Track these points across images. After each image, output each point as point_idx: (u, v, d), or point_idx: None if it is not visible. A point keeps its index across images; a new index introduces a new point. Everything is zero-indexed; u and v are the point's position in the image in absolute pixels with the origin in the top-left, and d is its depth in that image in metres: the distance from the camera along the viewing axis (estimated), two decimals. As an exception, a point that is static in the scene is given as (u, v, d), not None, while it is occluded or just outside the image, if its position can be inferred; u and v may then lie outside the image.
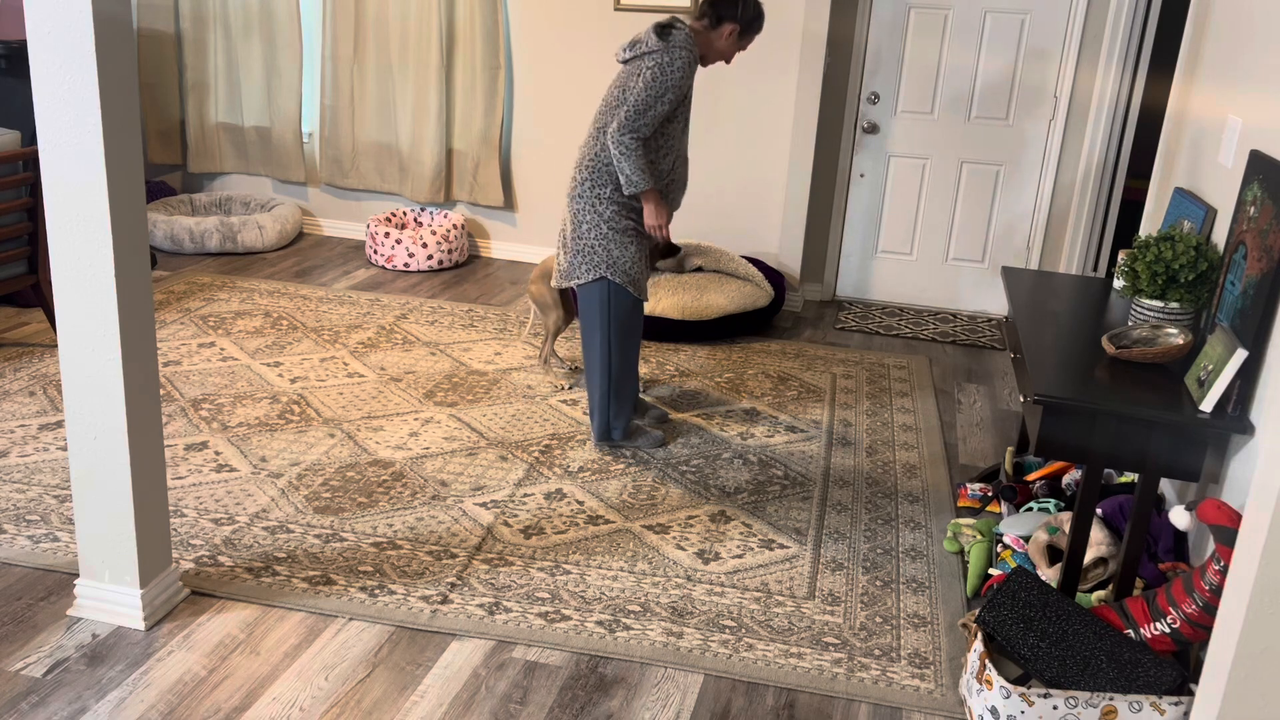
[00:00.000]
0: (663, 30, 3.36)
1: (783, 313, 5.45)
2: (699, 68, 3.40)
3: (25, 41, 5.23)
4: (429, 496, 3.37)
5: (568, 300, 4.36)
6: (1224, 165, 3.10)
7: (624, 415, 3.70)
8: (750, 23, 3.45)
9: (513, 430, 3.87)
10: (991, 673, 2.34)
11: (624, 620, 2.79)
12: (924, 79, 5.29)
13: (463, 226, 5.86)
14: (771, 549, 3.19)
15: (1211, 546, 2.55)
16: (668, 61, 3.29)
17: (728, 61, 3.55)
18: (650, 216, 3.46)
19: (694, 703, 2.51)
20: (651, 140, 3.39)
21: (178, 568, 2.82)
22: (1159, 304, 2.86)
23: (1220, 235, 3.02)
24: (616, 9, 5.44)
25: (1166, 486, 3.25)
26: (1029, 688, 2.30)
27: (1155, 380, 2.64)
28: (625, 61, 3.45)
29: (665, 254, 4.69)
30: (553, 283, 3.66)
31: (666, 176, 3.49)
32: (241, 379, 4.19)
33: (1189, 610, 2.36)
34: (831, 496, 3.54)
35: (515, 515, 3.29)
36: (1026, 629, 2.43)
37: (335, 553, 3.03)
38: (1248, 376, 2.48)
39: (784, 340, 5.02)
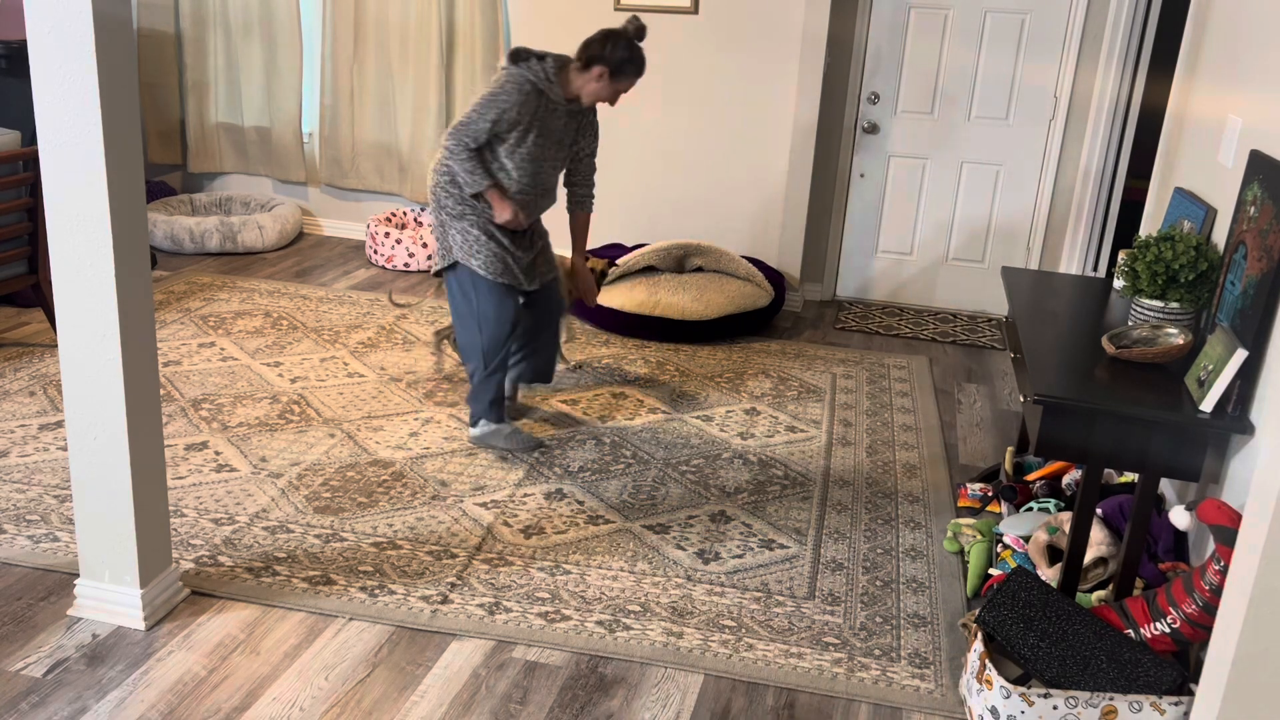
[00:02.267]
0: (515, 56, 3.46)
1: (783, 313, 5.45)
2: (577, 107, 3.60)
3: (25, 41, 5.23)
4: (429, 496, 3.37)
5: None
6: (1224, 165, 3.10)
7: (491, 401, 3.70)
8: (620, 65, 3.45)
9: (513, 430, 3.87)
10: (991, 673, 2.34)
11: (624, 620, 2.79)
12: (924, 79, 5.29)
13: (463, 226, 5.86)
14: (771, 549, 3.19)
15: (1211, 546, 2.55)
16: (499, 87, 3.39)
17: (610, 103, 3.56)
18: (498, 213, 3.50)
19: (694, 703, 2.51)
20: (489, 156, 3.49)
21: (178, 568, 2.82)
22: (1159, 304, 2.86)
23: (1220, 235, 3.02)
24: (616, 9, 5.44)
25: (1166, 486, 3.25)
26: (1029, 688, 2.30)
27: (1155, 380, 2.64)
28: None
29: (599, 281, 4.33)
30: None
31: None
32: (241, 379, 4.19)
33: (1189, 610, 2.36)
34: (831, 496, 3.54)
35: (515, 515, 3.29)
36: (1026, 629, 2.43)
37: (335, 553, 3.03)
38: (1248, 376, 2.48)
39: (784, 340, 5.02)
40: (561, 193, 5.77)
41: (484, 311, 3.55)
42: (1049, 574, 2.89)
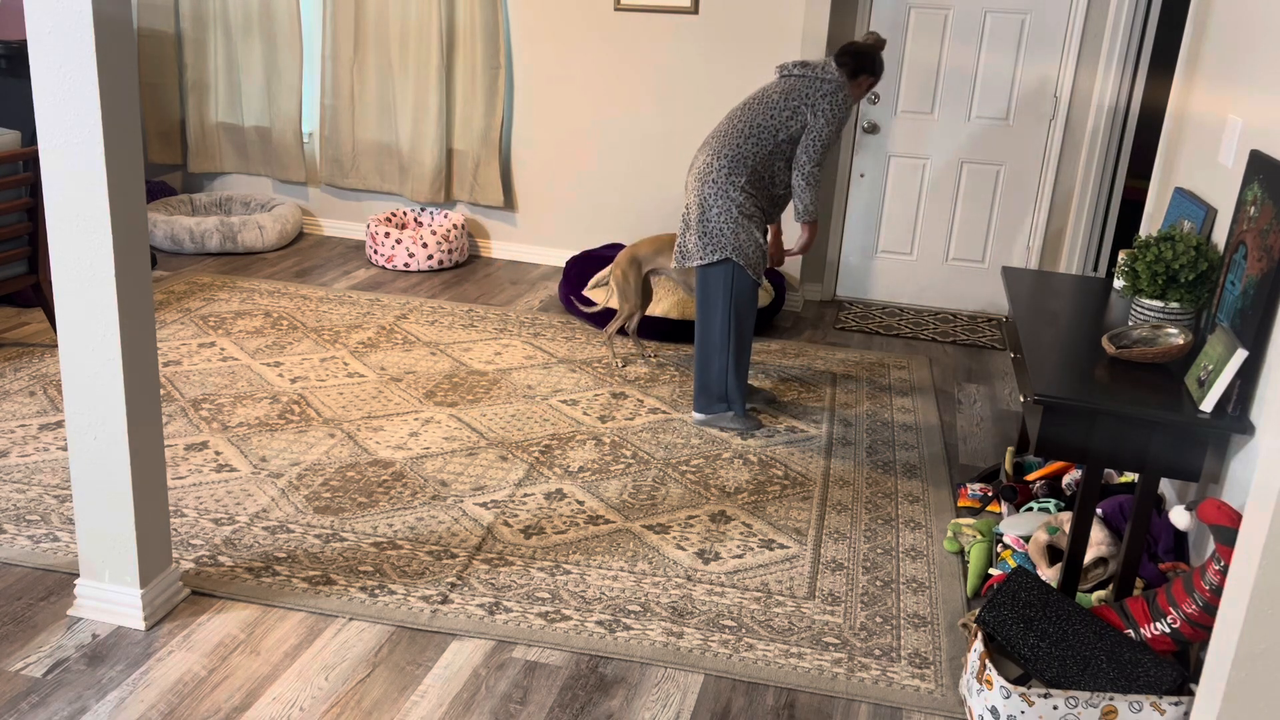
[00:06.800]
0: (843, 61, 3.81)
1: (783, 313, 5.45)
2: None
3: (25, 41, 5.23)
4: (429, 496, 3.37)
5: (648, 291, 4.46)
6: (1224, 165, 3.10)
7: (742, 389, 3.97)
8: (877, 74, 3.89)
9: (513, 430, 3.87)
10: (991, 673, 2.34)
11: (624, 620, 2.79)
12: (924, 79, 5.29)
13: (463, 226, 5.86)
14: (771, 549, 3.19)
15: (1211, 546, 2.55)
16: (841, 101, 3.74)
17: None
18: (804, 243, 3.95)
19: (694, 703, 2.51)
20: (774, 171, 3.82)
21: (178, 568, 2.82)
22: (1159, 304, 2.86)
23: (1220, 235, 3.02)
24: (616, 9, 5.44)
25: (1166, 486, 3.25)
26: (1029, 688, 2.30)
27: (1155, 380, 2.64)
28: (787, 76, 3.81)
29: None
30: (673, 265, 4.00)
31: (783, 190, 3.90)
32: (241, 379, 4.19)
33: (1189, 610, 2.36)
34: (831, 496, 3.54)
35: (515, 515, 3.29)
36: (1026, 629, 2.43)
37: (335, 553, 3.03)
38: (1248, 376, 2.48)
39: (784, 340, 5.02)
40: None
41: (747, 304, 3.86)
42: (1049, 574, 2.89)
